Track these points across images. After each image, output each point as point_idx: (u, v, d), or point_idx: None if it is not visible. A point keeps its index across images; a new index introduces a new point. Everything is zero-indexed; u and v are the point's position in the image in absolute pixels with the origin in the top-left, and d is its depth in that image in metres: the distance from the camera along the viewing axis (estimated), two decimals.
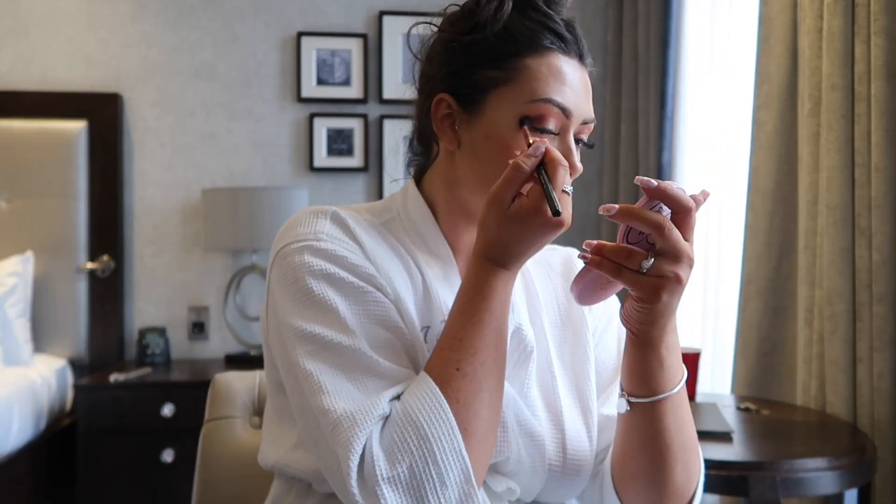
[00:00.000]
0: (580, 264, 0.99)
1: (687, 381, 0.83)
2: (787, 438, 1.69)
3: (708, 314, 2.60)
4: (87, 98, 2.94)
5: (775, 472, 1.47)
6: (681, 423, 0.82)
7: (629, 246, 0.73)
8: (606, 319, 0.99)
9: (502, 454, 0.84)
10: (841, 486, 1.53)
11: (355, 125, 3.11)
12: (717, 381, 2.47)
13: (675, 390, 0.80)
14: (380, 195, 3.15)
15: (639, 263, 0.72)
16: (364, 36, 3.10)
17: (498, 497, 0.85)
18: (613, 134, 3.04)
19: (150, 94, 3.04)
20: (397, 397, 0.76)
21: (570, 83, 0.83)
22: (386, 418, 0.74)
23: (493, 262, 0.78)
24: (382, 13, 3.10)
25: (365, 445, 0.72)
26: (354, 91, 3.11)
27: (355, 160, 3.11)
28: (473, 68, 0.85)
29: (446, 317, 0.82)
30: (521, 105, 0.82)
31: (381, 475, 0.71)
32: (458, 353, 0.76)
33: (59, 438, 2.66)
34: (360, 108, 3.14)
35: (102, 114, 2.94)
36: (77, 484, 2.59)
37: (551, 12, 0.85)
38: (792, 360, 2.10)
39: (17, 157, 2.85)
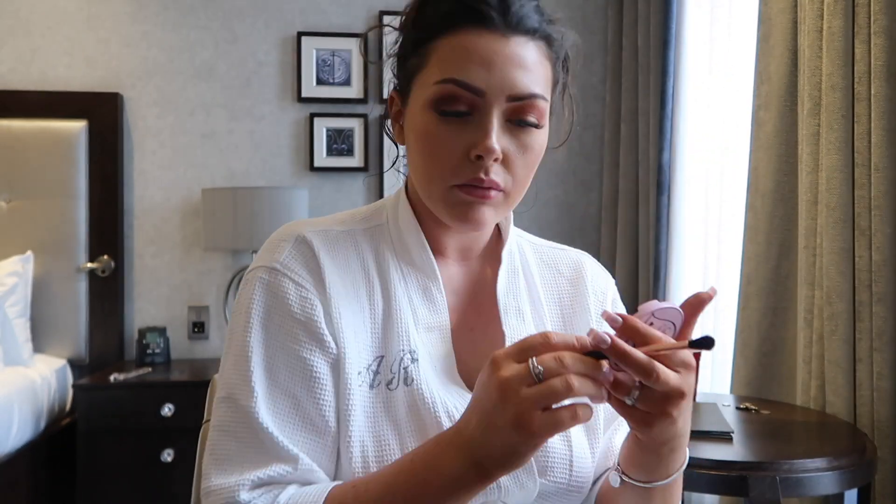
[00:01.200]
0: (591, 273, 0.97)
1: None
2: (787, 438, 1.69)
3: (708, 314, 2.60)
4: (87, 98, 2.94)
5: (775, 472, 1.47)
6: (668, 501, 0.82)
7: (617, 374, 0.67)
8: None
9: (482, 493, 0.81)
10: (841, 486, 1.53)
11: (355, 125, 3.11)
12: (717, 381, 2.47)
13: (671, 479, 0.78)
14: (380, 195, 3.15)
15: (623, 395, 0.67)
16: (364, 36, 3.10)
17: None
18: (613, 134, 3.04)
19: (150, 93, 3.04)
20: (265, 483, 0.76)
21: (482, 58, 0.76)
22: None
23: (461, 454, 0.68)
24: (382, 13, 3.10)
25: None
26: (354, 91, 3.11)
27: (355, 160, 3.11)
28: (404, 60, 0.83)
29: (405, 347, 0.82)
30: (429, 89, 0.78)
31: None
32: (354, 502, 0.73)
33: (58, 438, 2.66)
34: (360, 108, 3.14)
35: (102, 114, 2.94)
36: (77, 484, 2.59)
37: None
38: (792, 360, 2.10)
39: (17, 157, 2.85)
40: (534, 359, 0.64)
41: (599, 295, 0.96)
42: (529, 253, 0.96)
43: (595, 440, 0.88)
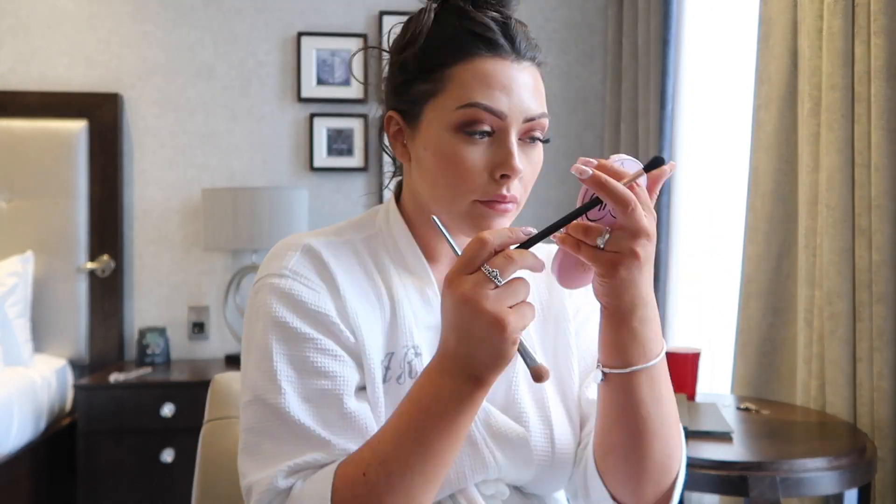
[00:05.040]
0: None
1: (681, 375, 0.83)
2: (787, 438, 1.69)
3: (708, 314, 2.60)
4: (87, 98, 2.94)
5: (775, 472, 1.47)
6: (658, 397, 0.81)
7: (587, 223, 0.73)
8: (589, 307, 0.99)
9: (479, 473, 0.86)
10: (841, 486, 1.53)
11: (355, 125, 3.11)
12: (717, 381, 2.47)
13: (651, 363, 0.79)
14: (380, 195, 3.15)
15: (594, 239, 0.72)
16: (364, 36, 3.10)
17: (487, 499, 0.87)
18: (613, 134, 3.04)
19: (150, 94, 3.04)
20: (303, 469, 0.80)
21: (501, 84, 0.83)
22: (288, 492, 0.79)
23: (453, 374, 0.73)
24: (382, 13, 3.10)
25: None
26: (354, 91, 3.11)
27: (355, 160, 3.11)
28: (409, 84, 0.88)
29: (409, 342, 0.88)
30: (450, 113, 0.83)
31: None
32: (371, 455, 0.76)
33: (58, 438, 2.66)
34: (360, 108, 3.14)
35: (102, 114, 2.94)
36: (77, 484, 2.59)
37: (477, 16, 0.84)
38: (792, 360, 2.10)
39: (17, 157, 2.85)
40: (485, 265, 0.69)
41: None
42: None
43: (573, 411, 0.93)
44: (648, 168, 0.73)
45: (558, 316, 0.97)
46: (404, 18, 0.92)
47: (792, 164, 2.09)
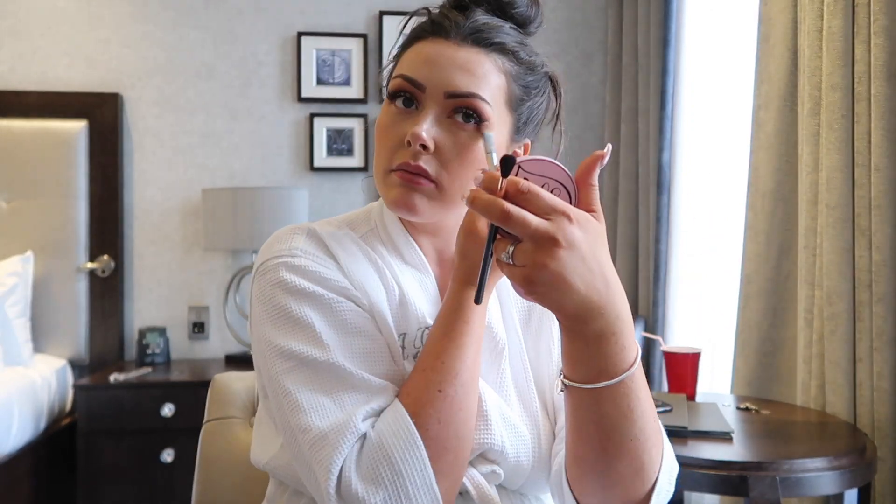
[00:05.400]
0: None
1: (683, 376, 0.81)
2: (787, 438, 1.69)
3: (708, 314, 2.60)
4: (87, 98, 2.94)
5: (775, 472, 1.47)
6: (625, 412, 0.73)
7: (499, 238, 0.67)
8: None
9: (485, 444, 0.85)
10: (841, 486, 1.53)
11: (355, 125, 3.11)
12: (717, 381, 2.47)
13: (613, 381, 0.72)
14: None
15: (500, 254, 0.67)
16: (364, 36, 3.10)
17: (483, 477, 0.87)
18: (613, 134, 3.04)
19: (150, 94, 3.04)
20: (376, 413, 0.79)
21: (429, 59, 0.85)
22: (364, 438, 0.77)
23: (473, 286, 0.79)
24: (382, 13, 3.10)
25: (342, 467, 0.75)
26: (354, 91, 3.11)
27: (355, 160, 3.11)
28: (389, 74, 0.93)
29: (422, 324, 0.88)
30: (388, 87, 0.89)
31: (359, 500, 0.75)
32: (440, 374, 0.79)
33: (59, 438, 2.66)
34: (360, 108, 3.14)
35: (102, 114, 2.94)
36: (77, 484, 2.59)
37: (444, 8, 0.89)
38: (792, 360, 2.10)
39: (17, 157, 2.85)
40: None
41: None
42: None
43: (551, 414, 0.93)
44: (504, 171, 0.65)
45: (542, 315, 0.97)
46: (404, 18, 0.93)
47: (792, 164, 2.09)
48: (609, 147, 0.72)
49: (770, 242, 2.12)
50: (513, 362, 0.93)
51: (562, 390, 0.76)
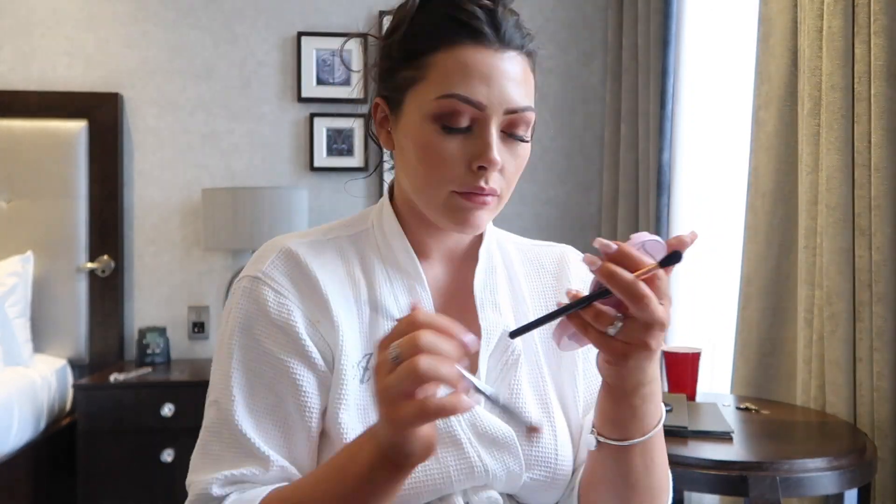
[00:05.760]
0: (574, 265, 0.98)
1: (685, 382, 0.82)
2: (787, 438, 1.69)
3: (708, 314, 2.60)
4: (87, 98, 2.94)
5: (775, 472, 1.47)
6: (650, 466, 0.79)
7: (599, 307, 0.68)
8: None
9: (465, 477, 0.82)
10: (841, 486, 1.53)
11: (355, 125, 3.11)
12: (717, 381, 2.47)
13: (647, 437, 0.77)
14: (380, 195, 3.15)
15: (605, 326, 0.68)
16: (364, 36, 3.10)
17: None
18: (613, 134, 3.04)
19: (150, 93, 3.04)
20: (241, 479, 0.80)
21: (482, 74, 0.80)
22: (222, 500, 0.79)
23: (374, 450, 0.68)
24: (382, 13, 3.10)
25: None
26: (354, 91, 3.11)
27: (355, 160, 3.11)
28: (393, 71, 0.86)
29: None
30: (430, 103, 0.81)
31: None
32: (298, 501, 0.75)
33: (58, 438, 2.66)
34: (360, 108, 3.14)
35: (102, 114, 2.94)
36: (77, 484, 2.58)
37: (463, 2, 0.81)
38: (792, 360, 2.10)
39: (17, 157, 2.85)
40: (395, 343, 0.62)
41: (583, 283, 0.97)
42: (513, 252, 1.00)
43: (574, 430, 0.91)
44: (665, 263, 0.67)
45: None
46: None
47: (792, 164, 2.09)
48: (695, 234, 0.70)
49: (770, 242, 2.12)
50: (530, 371, 0.90)
51: (595, 447, 0.79)
